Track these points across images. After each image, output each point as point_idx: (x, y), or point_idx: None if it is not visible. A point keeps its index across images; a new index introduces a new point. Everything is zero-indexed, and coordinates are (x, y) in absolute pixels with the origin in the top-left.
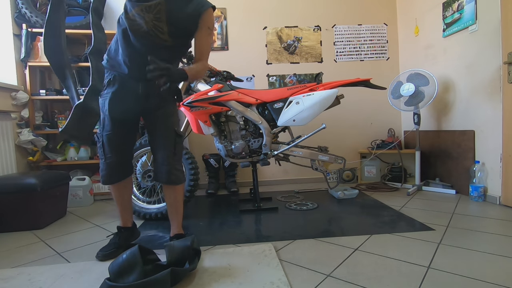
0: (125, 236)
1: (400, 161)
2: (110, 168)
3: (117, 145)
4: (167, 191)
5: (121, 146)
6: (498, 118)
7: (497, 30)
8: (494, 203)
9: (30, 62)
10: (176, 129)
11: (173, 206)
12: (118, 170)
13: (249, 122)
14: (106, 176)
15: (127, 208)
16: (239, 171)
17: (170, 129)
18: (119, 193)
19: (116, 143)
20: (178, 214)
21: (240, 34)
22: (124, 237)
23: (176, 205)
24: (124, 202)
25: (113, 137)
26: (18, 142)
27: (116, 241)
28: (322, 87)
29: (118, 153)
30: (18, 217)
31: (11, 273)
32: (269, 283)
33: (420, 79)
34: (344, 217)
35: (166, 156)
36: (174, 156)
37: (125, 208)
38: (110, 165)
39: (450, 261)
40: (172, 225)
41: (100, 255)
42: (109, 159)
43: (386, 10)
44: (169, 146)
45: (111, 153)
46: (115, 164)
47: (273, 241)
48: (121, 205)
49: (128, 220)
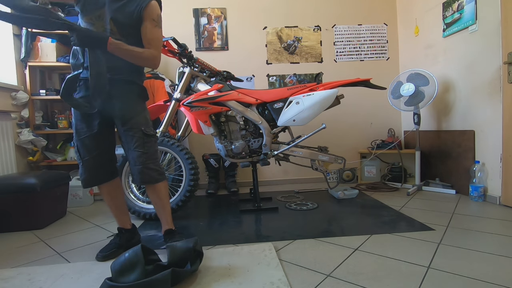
0: (126, 237)
1: (400, 161)
2: (88, 171)
3: (91, 148)
4: (148, 191)
5: (96, 149)
6: (498, 118)
7: (497, 30)
8: (494, 203)
9: (30, 62)
10: (143, 129)
11: (158, 204)
12: (97, 173)
13: (249, 122)
14: (85, 179)
15: (123, 211)
16: (239, 171)
17: (135, 130)
18: (110, 196)
19: (90, 146)
20: (166, 212)
21: (240, 34)
22: (125, 238)
23: (161, 204)
24: (118, 205)
25: (87, 141)
26: (18, 142)
27: (117, 241)
28: (322, 87)
29: (95, 156)
30: (18, 217)
31: (11, 273)
32: (269, 283)
33: (420, 79)
34: (344, 217)
35: (136, 156)
36: (145, 155)
37: (120, 211)
38: (88, 168)
39: (450, 261)
40: (162, 223)
41: (100, 256)
42: (86, 162)
43: (386, 10)
44: (138, 147)
45: (87, 156)
46: (92, 167)
47: (273, 241)
48: (116, 208)
49: (127, 222)
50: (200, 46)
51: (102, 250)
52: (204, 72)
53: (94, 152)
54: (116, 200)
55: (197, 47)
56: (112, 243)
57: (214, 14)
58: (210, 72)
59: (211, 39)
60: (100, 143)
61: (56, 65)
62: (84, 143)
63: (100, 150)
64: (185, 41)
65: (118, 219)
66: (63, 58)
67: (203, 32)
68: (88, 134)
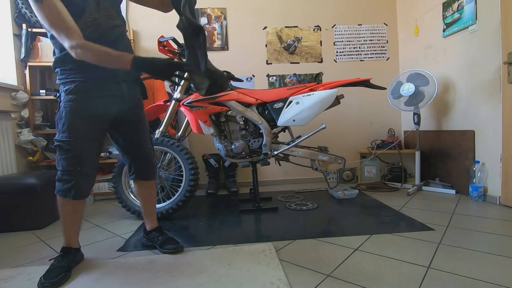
0: (74, 258)
1: (400, 161)
2: (85, 181)
3: (93, 156)
4: (145, 187)
5: (96, 156)
6: (498, 118)
7: (497, 30)
8: (494, 203)
9: (30, 62)
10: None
11: (151, 201)
12: (91, 184)
13: (249, 122)
14: (80, 190)
15: (79, 226)
16: (239, 171)
17: (146, 127)
18: (80, 209)
19: (93, 153)
20: (155, 208)
21: (240, 34)
22: (73, 258)
23: (153, 200)
24: (79, 219)
25: (91, 146)
26: (18, 142)
27: (64, 264)
28: (322, 87)
29: (93, 164)
30: (18, 217)
31: (11, 273)
32: (269, 283)
33: (420, 79)
34: (344, 217)
35: (149, 153)
36: (152, 152)
37: (78, 227)
38: (86, 178)
39: (450, 261)
40: (151, 221)
41: (48, 284)
42: (86, 171)
43: (386, 10)
44: (149, 143)
45: (88, 164)
46: (90, 177)
47: (273, 241)
48: (78, 222)
49: (77, 240)
50: None
51: (47, 276)
52: None
53: (94, 159)
54: (82, 212)
55: None
56: (58, 266)
57: (214, 14)
58: None
59: (211, 39)
60: (99, 150)
61: None
62: (89, 148)
63: (98, 157)
64: None
65: (74, 235)
66: None
67: None
68: (95, 137)
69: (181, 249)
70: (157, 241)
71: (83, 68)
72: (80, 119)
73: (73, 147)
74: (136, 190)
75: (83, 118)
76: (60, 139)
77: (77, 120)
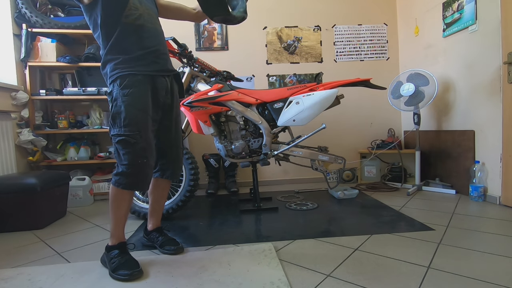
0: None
1: (400, 161)
2: (151, 172)
3: (153, 147)
4: (161, 187)
5: (154, 147)
6: (498, 118)
7: (497, 30)
8: (494, 203)
9: (30, 62)
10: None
11: (161, 201)
12: (152, 175)
13: (249, 122)
14: (147, 181)
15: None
16: (239, 171)
17: (180, 124)
18: (130, 203)
19: (153, 144)
20: (162, 208)
21: (240, 34)
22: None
23: (163, 201)
24: (128, 213)
25: (152, 137)
26: (18, 142)
27: (130, 256)
28: (322, 87)
29: (154, 155)
30: (18, 217)
31: (11, 273)
32: (269, 283)
33: (420, 79)
34: (344, 217)
35: (181, 153)
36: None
37: (125, 220)
38: (151, 169)
39: (450, 261)
40: (155, 220)
41: (137, 272)
42: (151, 163)
43: (386, 10)
44: (182, 143)
45: (153, 155)
46: (152, 168)
47: (273, 241)
48: (126, 217)
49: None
50: (200, 46)
51: (127, 268)
52: (204, 72)
53: (155, 151)
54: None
55: (197, 47)
56: (128, 259)
57: None
58: (210, 72)
59: (211, 39)
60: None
61: (56, 65)
62: (151, 139)
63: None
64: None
65: (122, 232)
66: (63, 58)
67: (203, 32)
68: (152, 129)
69: (181, 250)
70: (157, 242)
71: (134, 59)
72: (139, 111)
73: (138, 140)
74: (150, 188)
75: (141, 110)
76: (123, 133)
77: (137, 113)
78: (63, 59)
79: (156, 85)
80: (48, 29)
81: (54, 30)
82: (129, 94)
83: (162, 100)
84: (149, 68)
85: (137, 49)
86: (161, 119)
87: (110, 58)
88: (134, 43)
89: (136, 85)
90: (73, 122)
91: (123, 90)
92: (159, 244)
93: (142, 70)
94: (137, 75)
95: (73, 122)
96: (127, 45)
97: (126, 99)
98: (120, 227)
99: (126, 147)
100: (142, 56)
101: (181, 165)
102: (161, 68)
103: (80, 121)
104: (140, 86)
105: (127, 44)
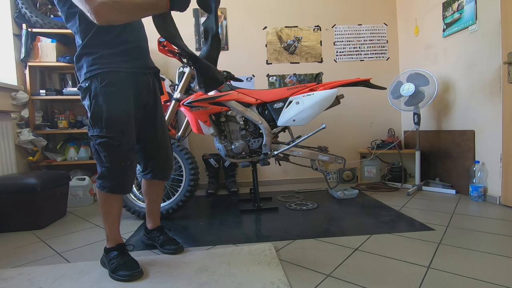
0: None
1: (400, 161)
2: (134, 174)
3: (135, 149)
4: (156, 187)
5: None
6: (498, 118)
7: (497, 30)
8: (494, 203)
9: (30, 62)
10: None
11: (157, 201)
12: (134, 177)
13: (249, 122)
14: (129, 184)
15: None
16: (239, 171)
17: (165, 122)
18: (121, 204)
19: (135, 146)
20: (159, 208)
21: (240, 34)
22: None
23: (159, 200)
24: (120, 214)
25: (134, 139)
26: (18, 142)
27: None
28: (322, 87)
29: (136, 157)
30: (18, 217)
31: (11, 273)
32: (269, 283)
33: (420, 79)
34: (344, 217)
35: (169, 152)
36: (171, 151)
37: (119, 221)
38: (134, 171)
39: (450, 261)
40: (154, 220)
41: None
42: (134, 165)
43: (386, 10)
44: (168, 141)
45: (135, 157)
46: (135, 169)
47: (273, 241)
48: (119, 218)
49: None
50: (200, 46)
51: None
52: None
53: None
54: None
55: (197, 47)
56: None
57: None
58: None
59: None
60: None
61: (56, 65)
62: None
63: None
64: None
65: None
66: (63, 58)
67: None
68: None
69: (182, 250)
70: (158, 241)
71: (116, 55)
72: (122, 112)
73: (121, 142)
74: (144, 189)
75: (124, 111)
76: (105, 135)
77: (120, 113)
78: (63, 59)
79: (138, 84)
80: (48, 29)
81: (54, 30)
82: (111, 93)
83: (145, 100)
84: (131, 64)
85: (119, 43)
86: (146, 120)
87: (87, 51)
88: (116, 37)
89: (119, 84)
90: (73, 122)
91: (104, 88)
92: (159, 243)
93: (125, 67)
94: (120, 73)
95: (73, 122)
96: (108, 38)
97: (108, 98)
98: (115, 229)
99: (108, 149)
100: (124, 52)
101: (171, 164)
102: (143, 65)
103: (80, 121)
104: (123, 85)
105: (108, 37)
